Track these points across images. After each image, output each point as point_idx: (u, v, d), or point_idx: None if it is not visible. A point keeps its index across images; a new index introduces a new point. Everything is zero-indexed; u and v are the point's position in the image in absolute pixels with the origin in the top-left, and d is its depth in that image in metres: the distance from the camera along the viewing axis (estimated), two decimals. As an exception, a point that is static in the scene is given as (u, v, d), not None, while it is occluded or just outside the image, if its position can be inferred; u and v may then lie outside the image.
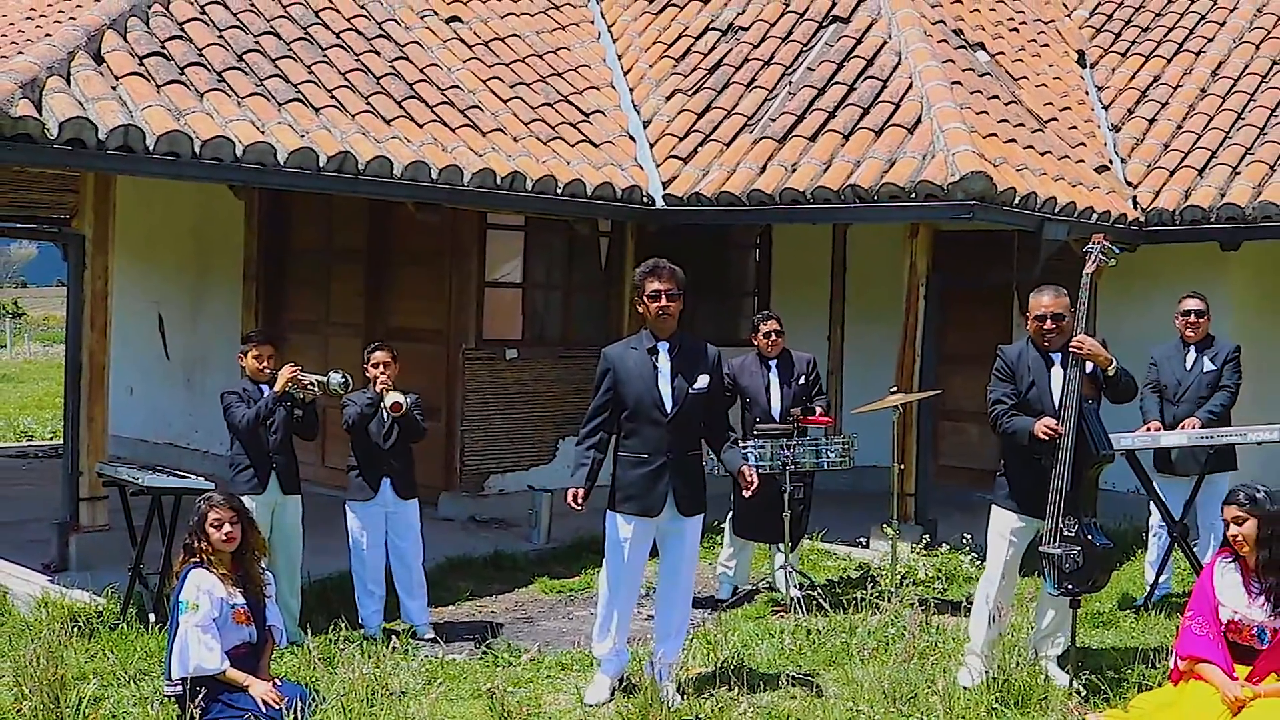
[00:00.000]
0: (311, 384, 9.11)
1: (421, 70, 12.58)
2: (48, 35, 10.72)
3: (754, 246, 15.65)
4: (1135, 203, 13.05)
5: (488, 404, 13.40)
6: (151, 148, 9.58)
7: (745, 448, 9.75)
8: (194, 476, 9.44)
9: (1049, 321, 7.89)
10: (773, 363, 10.40)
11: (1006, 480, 8.09)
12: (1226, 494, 7.57)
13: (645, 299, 7.81)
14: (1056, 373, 7.90)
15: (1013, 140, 12.47)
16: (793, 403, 10.27)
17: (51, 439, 19.14)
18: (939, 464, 13.17)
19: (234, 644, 7.33)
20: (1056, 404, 7.81)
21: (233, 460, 9.07)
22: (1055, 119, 13.82)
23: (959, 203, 11.08)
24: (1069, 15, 16.77)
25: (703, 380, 7.80)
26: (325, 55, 11.89)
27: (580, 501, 7.72)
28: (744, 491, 8.07)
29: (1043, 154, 12.67)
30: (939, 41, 13.41)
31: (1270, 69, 14.26)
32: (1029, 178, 11.89)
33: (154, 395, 16.63)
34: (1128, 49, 15.61)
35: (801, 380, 10.38)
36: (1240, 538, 7.29)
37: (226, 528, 7.36)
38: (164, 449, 15.84)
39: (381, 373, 9.19)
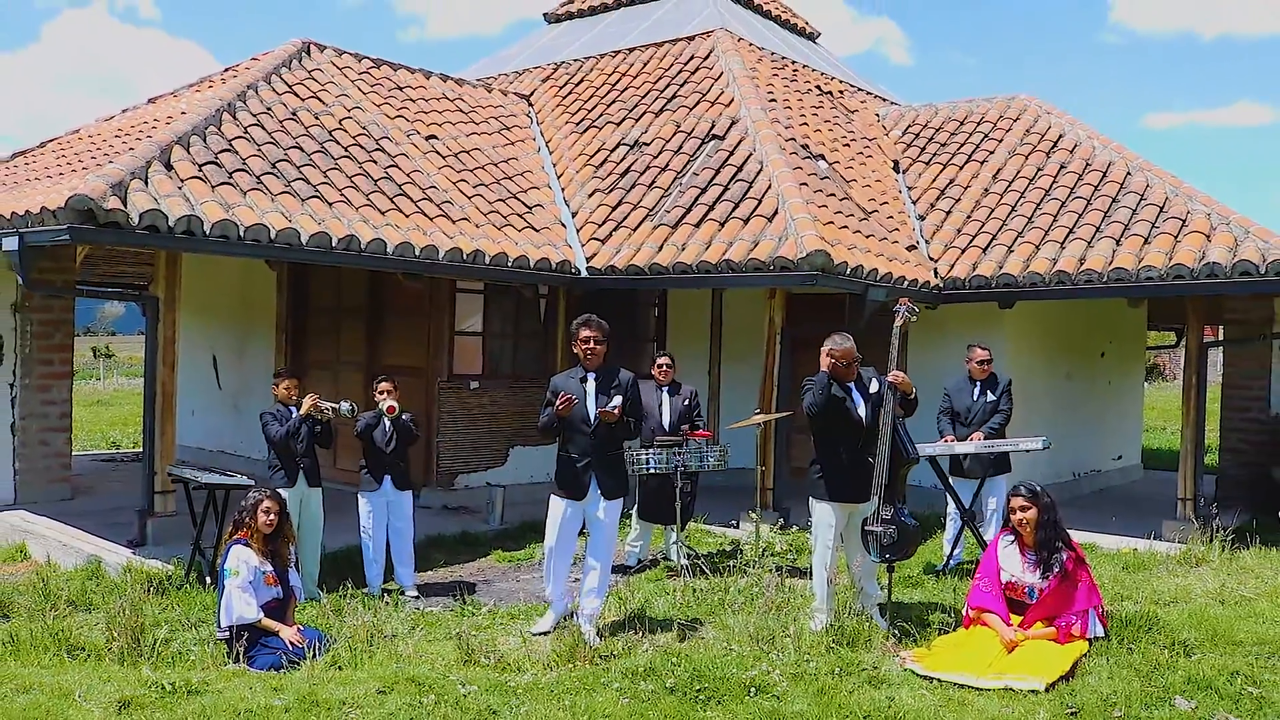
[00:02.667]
0: (327, 409, 9.22)
1: (408, 175, 12.65)
2: (130, 149, 10.80)
3: (654, 305, 15.63)
4: (936, 273, 13.13)
5: (457, 422, 13.45)
6: (208, 232, 9.66)
7: (648, 454, 9.96)
8: (239, 476, 9.48)
9: (854, 364, 7.88)
10: (665, 388, 10.57)
11: (820, 477, 7.92)
12: (1012, 488, 7.73)
13: (578, 342, 7.98)
14: (856, 395, 7.85)
15: (845, 226, 12.53)
16: (678, 420, 10.41)
17: (133, 448, 18.89)
18: (791, 466, 13.01)
19: (265, 600, 7.42)
20: (862, 414, 7.81)
21: (270, 463, 9.14)
22: (877, 210, 13.81)
23: (806, 273, 11.19)
24: (887, 134, 16.80)
25: (615, 400, 7.89)
26: (336, 164, 11.96)
27: (566, 405, 7.80)
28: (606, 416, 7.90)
29: (867, 237, 12.69)
30: (791, 153, 13.51)
31: (1036, 174, 14.28)
32: (857, 254, 11.97)
33: (210, 416, 16.51)
34: (930, 159, 15.61)
35: (686, 402, 10.50)
36: (1025, 521, 7.49)
37: (271, 516, 7.56)
38: (217, 455, 15.76)
39: (383, 395, 9.37)
